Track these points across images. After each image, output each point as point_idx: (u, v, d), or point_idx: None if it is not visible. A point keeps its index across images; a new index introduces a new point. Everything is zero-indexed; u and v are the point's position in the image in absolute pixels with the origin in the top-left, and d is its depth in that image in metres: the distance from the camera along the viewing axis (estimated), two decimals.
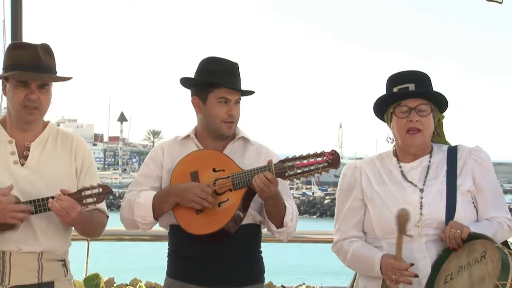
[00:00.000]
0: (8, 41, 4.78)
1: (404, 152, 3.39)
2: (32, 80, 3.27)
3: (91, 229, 3.44)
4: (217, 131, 3.58)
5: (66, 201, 3.21)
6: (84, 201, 3.27)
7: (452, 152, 3.39)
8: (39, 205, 3.25)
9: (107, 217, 3.50)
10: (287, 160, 3.42)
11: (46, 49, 3.34)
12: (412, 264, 3.18)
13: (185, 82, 3.65)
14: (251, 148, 3.65)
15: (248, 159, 3.58)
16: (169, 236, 3.67)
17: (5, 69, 3.33)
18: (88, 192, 3.28)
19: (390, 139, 3.47)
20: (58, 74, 3.38)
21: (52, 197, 3.23)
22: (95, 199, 3.29)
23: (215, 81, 3.53)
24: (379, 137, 3.58)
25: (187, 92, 3.66)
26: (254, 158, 3.59)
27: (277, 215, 3.52)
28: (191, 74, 3.63)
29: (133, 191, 3.64)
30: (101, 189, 3.31)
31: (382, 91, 3.41)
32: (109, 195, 3.35)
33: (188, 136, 3.66)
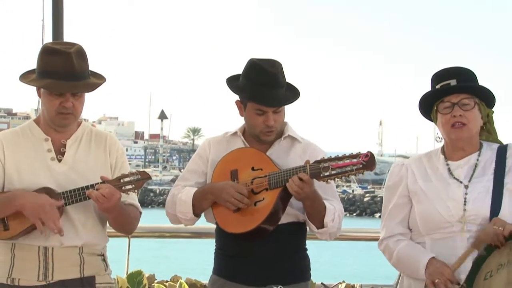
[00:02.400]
0: (48, 40, 4.81)
1: (452, 149, 3.36)
2: (67, 92, 3.30)
3: (125, 221, 3.47)
4: (257, 137, 3.59)
5: (106, 188, 3.25)
6: (123, 187, 3.30)
7: (502, 151, 3.35)
8: (78, 194, 3.29)
9: (140, 213, 3.53)
10: (322, 160, 3.41)
11: (79, 54, 3.34)
12: (460, 285, 3.15)
13: (228, 84, 3.65)
14: (298, 146, 3.63)
15: (293, 158, 3.57)
16: (216, 233, 3.69)
17: (39, 74, 3.34)
18: (127, 179, 3.32)
19: (439, 138, 3.44)
20: (92, 71, 3.40)
21: (92, 186, 3.27)
22: (134, 185, 3.32)
23: (249, 96, 3.52)
24: (420, 134, 3.53)
25: (228, 89, 3.67)
26: (300, 156, 3.58)
27: (316, 216, 3.51)
28: (236, 72, 3.62)
29: (178, 186, 3.68)
30: (139, 175, 3.34)
31: (423, 87, 3.40)
32: (147, 181, 3.38)
33: (236, 133, 3.67)
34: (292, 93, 3.59)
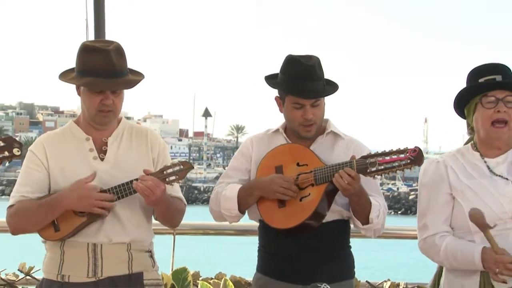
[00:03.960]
0: (92, 39, 4.84)
1: (487, 146, 3.32)
2: (107, 89, 3.33)
3: (172, 214, 3.48)
4: (297, 133, 3.58)
5: (150, 180, 3.26)
6: (167, 179, 3.32)
7: None
8: (124, 189, 3.31)
9: (185, 205, 3.54)
10: (369, 156, 3.39)
11: (118, 51, 3.35)
12: None
13: (266, 80, 3.66)
14: (341, 142, 3.62)
15: (337, 154, 3.56)
16: (259, 231, 3.69)
17: (78, 73, 3.36)
18: (170, 170, 3.32)
19: (472, 131, 3.39)
20: (131, 69, 3.42)
21: (136, 179, 3.29)
22: (177, 176, 3.33)
23: (286, 89, 3.52)
24: (465, 131, 3.49)
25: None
26: (343, 152, 3.56)
27: (362, 212, 3.49)
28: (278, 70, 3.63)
29: (221, 183, 3.68)
30: (182, 166, 3.34)
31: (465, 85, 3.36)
32: (190, 170, 3.39)
33: (277, 130, 3.67)
34: (330, 87, 3.57)
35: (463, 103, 3.34)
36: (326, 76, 3.58)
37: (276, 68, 3.63)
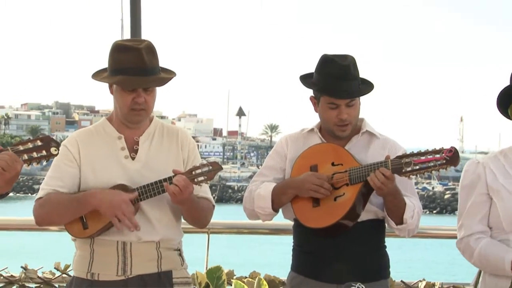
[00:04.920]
0: (127, 38, 4.87)
1: None
2: (139, 87, 3.34)
3: (199, 214, 3.48)
4: (332, 133, 3.57)
5: (181, 180, 3.27)
6: (196, 179, 3.32)
7: None
8: (152, 189, 3.32)
9: (213, 206, 3.54)
10: (404, 156, 3.37)
11: (149, 49, 3.36)
12: None
13: (301, 80, 3.65)
14: (377, 142, 3.60)
15: (372, 154, 3.55)
16: (293, 230, 3.69)
17: (110, 71, 3.38)
18: (198, 171, 3.33)
19: None
20: (162, 67, 3.42)
21: (165, 179, 3.30)
22: (206, 177, 3.34)
23: (321, 89, 3.51)
24: (502, 130, 3.45)
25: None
26: (379, 152, 3.55)
27: (396, 212, 3.48)
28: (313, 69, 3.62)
29: (256, 181, 3.69)
30: (211, 167, 3.35)
31: (505, 83, 3.31)
32: (219, 171, 3.39)
33: (312, 130, 3.66)
34: (365, 87, 3.55)
35: (507, 102, 3.31)
36: (361, 75, 3.56)
37: (311, 67, 3.63)
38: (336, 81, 3.46)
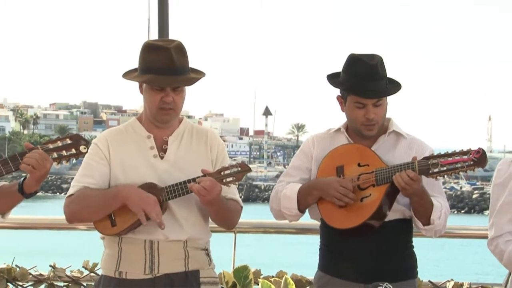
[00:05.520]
0: (154, 38, 4.89)
1: None
2: (167, 86, 3.35)
3: (226, 215, 3.48)
4: (359, 132, 3.56)
5: (208, 181, 3.28)
6: (224, 180, 3.32)
7: None
8: (180, 188, 3.33)
9: (241, 207, 3.54)
10: (431, 157, 3.36)
11: (179, 49, 3.37)
12: None
13: (328, 80, 3.65)
14: (404, 142, 3.59)
15: (399, 154, 3.54)
16: (320, 230, 3.69)
17: (141, 71, 3.39)
18: (227, 172, 3.33)
19: None
20: (192, 68, 3.43)
21: (193, 179, 3.31)
22: (234, 178, 3.34)
23: (348, 88, 3.50)
24: None
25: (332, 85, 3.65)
26: (405, 152, 3.54)
27: (423, 212, 3.46)
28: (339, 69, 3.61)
29: (282, 182, 3.69)
30: (239, 168, 3.35)
31: None
32: (247, 173, 3.38)
33: (339, 130, 3.66)
34: (392, 86, 3.54)
35: None
36: (389, 75, 3.55)
37: (339, 66, 3.62)
38: (364, 81, 3.45)
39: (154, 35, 5.15)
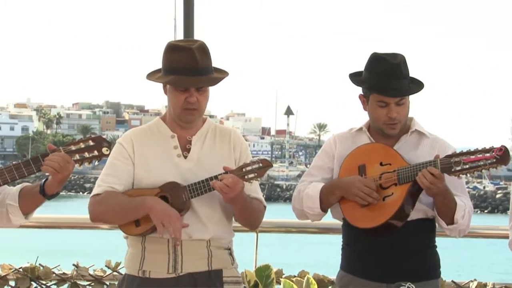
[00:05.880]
0: (180, 38, 4.90)
1: None
2: (191, 86, 3.36)
3: (250, 215, 3.49)
4: (381, 131, 3.55)
5: (230, 178, 3.28)
6: (246, 176, 3.33)
7: None
8: (202, 186, 3.34)
9: (265, 207, 3.55)
10: (453, 155, 3.34)
11: (202, 49, 3.38)
12: None
13: (350, 78, 3.64)
14: (426, 141, 3.58)
15: (421, 153, 3.53)
16: (342, 229, 3.69)
17: (164, 71, 3.40)
18: (249, 168, 3.34)
19: None
20: (215, 67, 3.44)
21: (215, 176, 3.31)
22: (256, 174, 3.34)
23: (370, 87, 3.50)
24: None
25: (354, 85, 3.64)
26: (428, 152, 3.52)
27: (447, 212, 3.44)
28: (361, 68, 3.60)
29: (304, 181, 3.69)
30: (261, 164, 3.35)
31: None
32: (269, 169, 3.39)
33: (361, 129, 3.65)
34: (415, 85, 3.53)
35: None
36: (411, 74, 3.54)
37: (361, 66, 3.61)
38: (386, 79, 3.45)
39: (180, 35, 5.16)
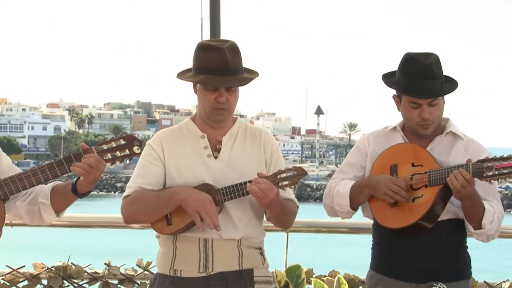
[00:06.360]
0: (207, 38, 4.92)
1: None
2: (221, 86, 3.36)
3: (284, 216, 3.49)
4: (415, 132, 3.53)
5: (263, 183, 3.28)
6: (280, 183, 3.33)
7: None
8: (236, 190, 3.34)
9: (298, 206, 3.55)
10: (486, 160, 3.30)
11: (233, 49, 3.37)
12: None
13: (383, 79, 3.61)
14: (460, 144, 3.55)
15: (454, 155, 3.50)
16: (373, 228, 3.67)
17: (194, 71, 3.41)
18: (283, 175, 3.34)
19: None
20: (246, 68, 3.44)
21: (250, 181, 3.32)
22: (290, 181, 3.34)
23: (402, 88, 3.47)
24: None
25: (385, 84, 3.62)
26: (461, 154, 3.49)
27: (474, 216, 3.42)
28: (394, 67, 3.58)
29: (336, 178, 3.69)
30: (295, 172, 3.35)
31: None
32: (304, 177, 3.39)
33: (395, 128, 3.63)
34: (449, 85, 3.50)
35: None
36: (445, 73, 3.51)
37: (391, 65, 3.59)
38: (418, 80, 3.42)
39: (207, 35, 5.17)
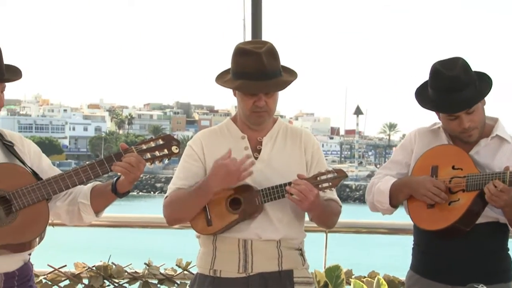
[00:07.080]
0: (249, 39, 4.93)
1: None
2: (258, 92, 3.35)
3: (327, 217, 3.49)
4: (458, 138, 3.48)
5: (303, 185, 3.28)
6: (320, 185, 3.33)
7: None
8: (276, 192, 3.35)
9: (341, 206, 3.54)
10: None
11: (270, 52, 3.36)
12: None
13: (416, 97, 3.50)
14: (506, 147, 3.47)
15: (499, 159, 3.43)
16: (414, 228, 3.65)
17: (233, 75, 3.40)
18: (323, 177, 3.33)
19: None
20: (284, 67, 3.42)
21: (290, 183, 3.31)
22: (330, 183, 3.34)
23: (434, 107, 3.40)
24: None
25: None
26: (508, 158, 3.42)
27: None
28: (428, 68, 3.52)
29: (379, 174, 3.68)
30: (336, 174, 3.35)
31: None
32: (344, 179, 3.38)
33: (440, 128, 3.58)
34: (483, 86, 3.38)
35: None
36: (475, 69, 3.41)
37: (428, 65, 3.53)
38: (447, 95, 3.33)
39: (249, 35, 5.19)
